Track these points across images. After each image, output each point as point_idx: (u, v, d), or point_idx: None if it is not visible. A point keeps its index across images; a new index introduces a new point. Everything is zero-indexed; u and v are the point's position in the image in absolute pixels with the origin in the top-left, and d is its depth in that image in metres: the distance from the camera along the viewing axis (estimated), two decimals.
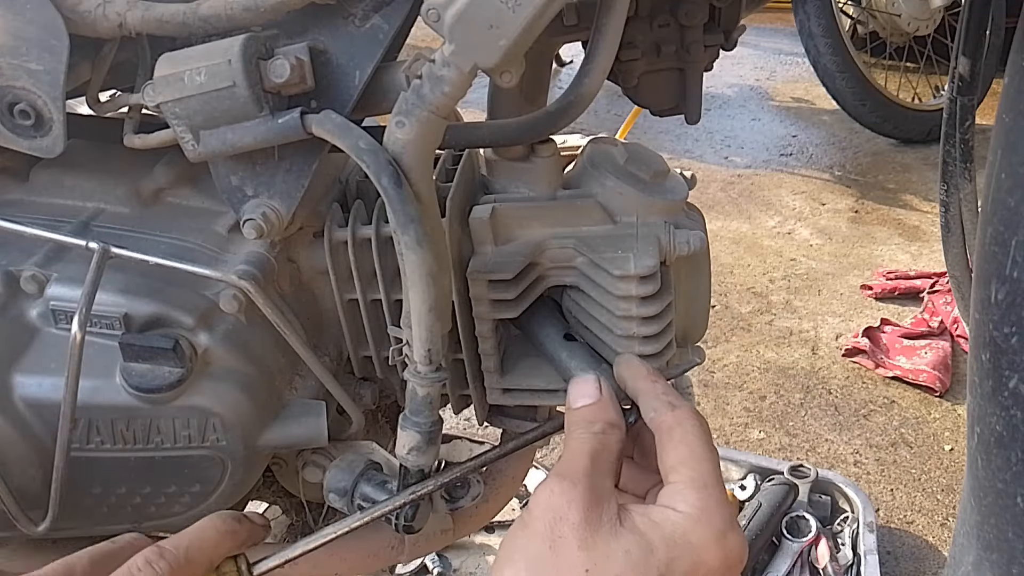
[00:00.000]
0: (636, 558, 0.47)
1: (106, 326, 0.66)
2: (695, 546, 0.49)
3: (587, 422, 0.56)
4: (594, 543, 0.48)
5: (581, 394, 0.58)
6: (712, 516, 0.50)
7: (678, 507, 0.50)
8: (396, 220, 0.57)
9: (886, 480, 1.81)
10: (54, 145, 0.66)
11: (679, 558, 0.48)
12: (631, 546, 0.48)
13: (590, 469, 0.52)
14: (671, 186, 0.73)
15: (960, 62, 1.10)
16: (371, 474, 0.72)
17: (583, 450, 0.53)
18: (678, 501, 0.51)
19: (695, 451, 0.53)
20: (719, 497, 0.51)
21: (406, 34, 0.70)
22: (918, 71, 3.44)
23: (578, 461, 0.53)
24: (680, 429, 0.54)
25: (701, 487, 0.51)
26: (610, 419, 0.56)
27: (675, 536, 0.49)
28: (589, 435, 0.55)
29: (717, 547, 0.49)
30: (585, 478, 0.51)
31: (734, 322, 2.34)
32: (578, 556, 0.47)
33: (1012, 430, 0.62)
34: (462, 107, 0.72)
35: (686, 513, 0.50)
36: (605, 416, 0.56)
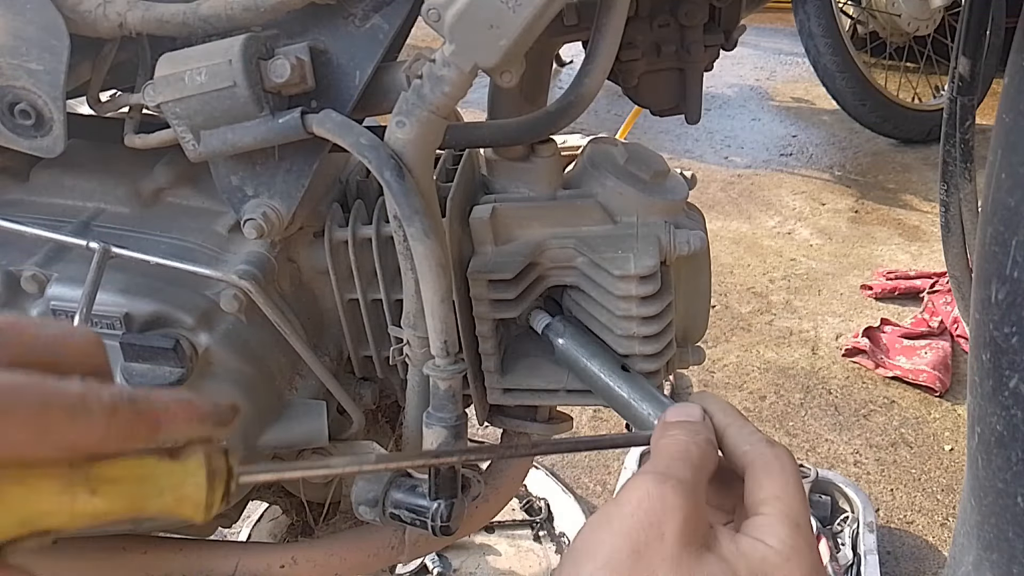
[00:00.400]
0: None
1: (107, 326, 0.66)
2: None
3: (691, 431, 0.53)
4: (681, 561, 0.45)
5: (682, 413, 0.55)
6: (802, 556, 0.48)
7: (768, 540, 0.48)
8: (401, 213, 0.57)
9: (886, 480, 1.81)
10: (54, 145, 0.66)
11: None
12: (716, 572, 0.46)
13: (692, 478, 0.49)
14: (671, 186, 0.73)
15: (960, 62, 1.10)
16: (400, 480, 0.71)
17: (687, 455, 0.50)
18: (768, 535, 0.48)
19: (790, 489, 0.50)
20: (810, 539, 0.49)
21: (406, 34, 0.70)
22: (918, 71, 3.44)
23: (681, 465, 0.49)
24: (778, 464, 0.51)
25: (794, 525, 0.49)
26: (711, 437, 0.53)
27: (762, 570, 0.47)
28: (692, 442, 0.52)
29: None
30: (688, 486, 0.48)
31: (734, 322, 2.34)
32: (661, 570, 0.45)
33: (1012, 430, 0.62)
34: (462, 107, 0.72)
35: (776, 549, 0.48)
36: (708, 433, 0.53)
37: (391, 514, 0.69)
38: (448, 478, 0.65)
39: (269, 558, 0.84)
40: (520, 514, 1.64)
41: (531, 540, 1.60)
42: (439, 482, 0.65)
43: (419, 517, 0.67)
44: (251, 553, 0.85)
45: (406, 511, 0.68)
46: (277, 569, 0.84)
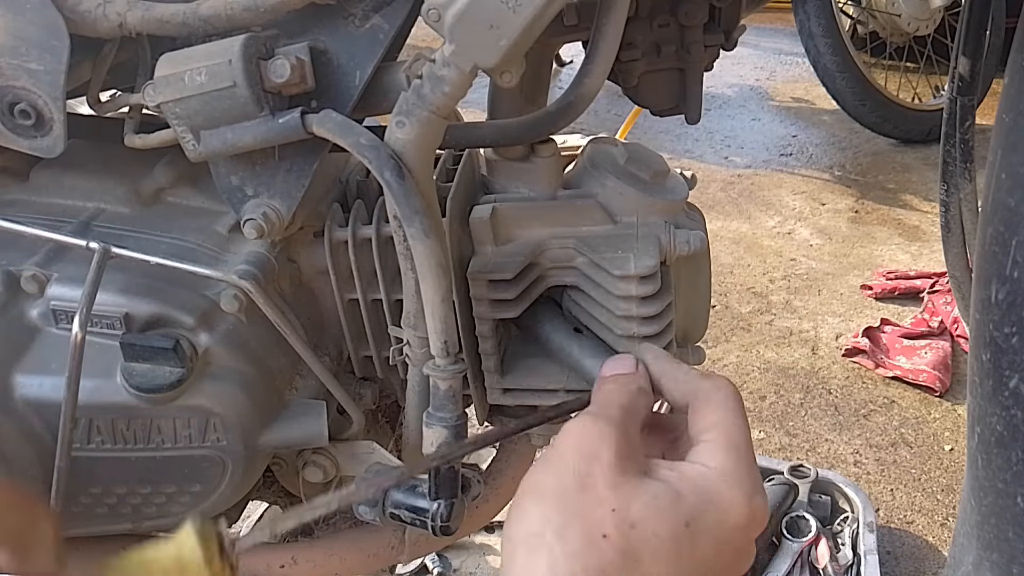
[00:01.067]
0: (663, 503, 0.47)
1: (107, 326, 0.66)
2: (724, 502, 0.49)
3: (620, 382, 0.56)
4: (622, 484, 0.48)
5: (616, 366, 0.58)
6: (743, 476, 0.50)
7: (708, 463, 0.50)
8: (401, 213, 0.57)
9: (886, 480, 1.81)
10: (54, 145, 0.66)
11: (707, 510, 0.48)
12: (659, 492, 0.48)
13: (621, 417, 0.52)
14: (671, 186, 0.73)
15: (960, 62, 1.10)
16: None
17: (616, 400, 0.53)
18: (708, 458, 0.51)
19: (730, 416, 0.53)
20: (750, 460, 0.51)
21: (406, 34, 0.70)
22: (918, 71, 3.44)
23: (611, 408, 0.52)
24: (718, 394, 0.54)
25: (734, 448, 0.51)
26: (643, 385, 0.56)
27: (705, 488, 0.49)
28: (622, 389, 0.55)
29: (745, 506, 0.49)
30: (618, 424, 0.51)
31: (734, 322, 2.34)
32: (606, 495, 0.47)
33: (1012, 430, 0.62)
34: (462, 107, 0.72)
35: (717, 469, 0.50)
36: (638, 381, 0.56)
37: (391, 514, 0.69)
38: (448, 478, 0.65)
39: (269, 558, 0.84)
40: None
41: None
42: (439, 482, 0.65)
43: (419, 517, 0.67)
44: (251, 553, 0.85)
45: (406, 511, 0.68)
46: (277, 569, 0.84)
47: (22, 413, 0.66)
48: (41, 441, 0.67)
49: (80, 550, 0.82)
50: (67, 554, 0.51)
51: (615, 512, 0.47)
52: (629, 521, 0.46)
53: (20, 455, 0.67)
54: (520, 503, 0.49)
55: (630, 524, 0.46)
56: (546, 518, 0.47)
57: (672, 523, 0.47)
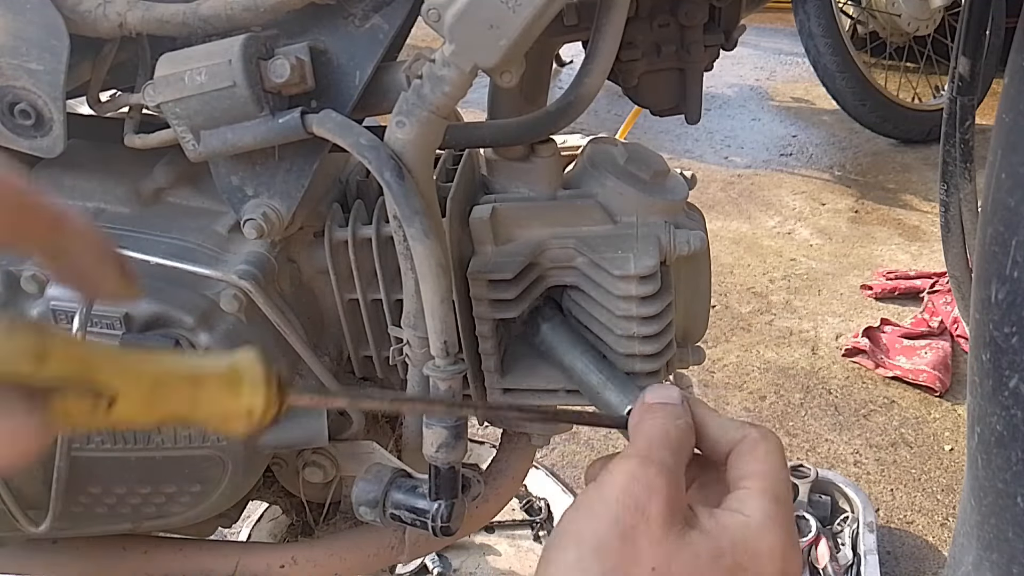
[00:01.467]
0: (703, 562, 0.46)
1: (107, 326, 0.66)
2: (760, 555, 0.47)
3: (672, 415, 0.53)
4: (666, 541, 0.46)
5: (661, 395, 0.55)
6: (780, 528, 0.48)
7: (746, 511, 0.49)
8: (401, 213, 0.57)
9: (886, 480, 1.81)
10: (54, 145, 0.66)
11: (744, 566, 0.47)
12: (700, 549, 0.46)
13: (673, 465, 0.49)
14: (671, 186, 0.73)
15: (960, 62, 1.10)
16: (400, 481, 0.71)
17: (667, 438, 0.51)
18: (747, 506, 0.49)
19: (773, 467, 0.51)
20: (788, 513, 0.50)
21: (406, 34, 0.70)
22: (918, 71, 3.44)
23: (663, 450, 0.50)
24: (764, 444, 0.52)
25: (773, 498, 0.49)
26: (690, 421, 0.54)
27: (743, 542, 0.47)
28: (673, 426, 0.52)
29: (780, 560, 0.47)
30: (671, 473, 0.48)
31: (734, 322, 2.34)
32: (648, 552, 0.46)
33: (1012, 430, 0.62)
34: (462, 107, 0.72)
35: (755, 519, 0.48)
36: (687, 417, 0.54)
37: (391, 515, 0.69)
38: (448, 478, 0.65)
39: (269, 558, 0.84)
40: (520, 514, 1.63)
41: (531, 540, 1.60)
42: (439, 483, 0.65)
43: (419, 518, 0.67)
44: (251, 553, 0.85)
45: (406, 512, 0.68)
46: (277, 569, 0.84)
47: None
48: None
49: (80, 550, 0.82)
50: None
51: (654, 571, 0.45)
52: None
53: None
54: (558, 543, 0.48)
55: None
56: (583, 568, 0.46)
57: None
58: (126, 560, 0.83)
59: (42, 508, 0.68)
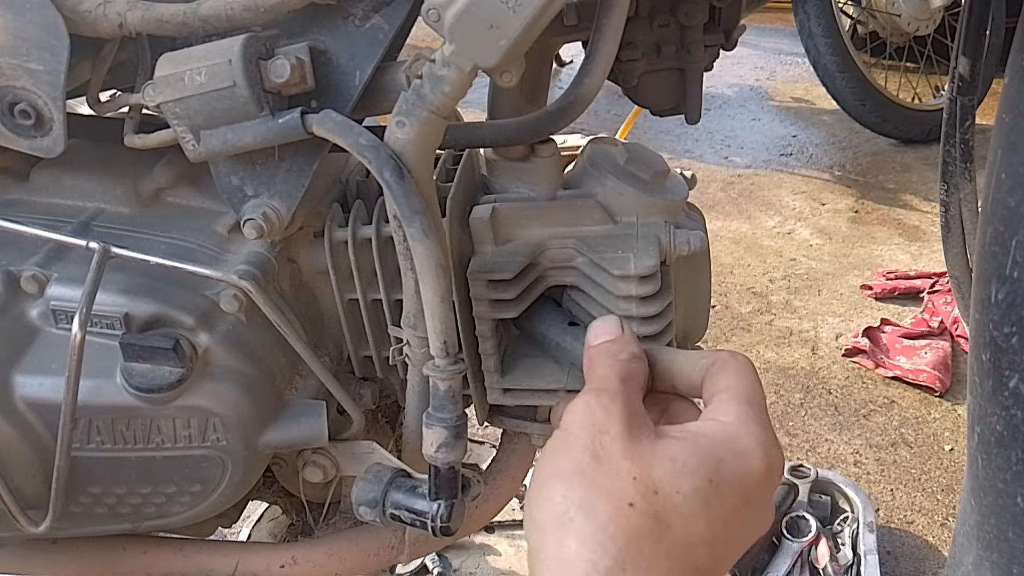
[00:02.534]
0: (684, 463, 0.47)
1: (106, 326, 0.66)
2: (741, 451, 0.48)
3: (611, 352, 0.55)
4: (638, 452, 0.47)
5: (602, 332, 0.57)
6: (756, 426, 0.50)
7: (721, 417, 0.50)
8: (401, 213, 0.57)
9: (886, 480, 1.81)
10: (54, 145, 0.66)
11: (728, 462, 0.48)
12: (677, 452, 0.48)
13: (622, 388, 0.51)
14: (671, 186, 0.73)
15: (960, 62, 1.10)
16: (400, 481, 0.71)
17: (613, 373, 0.53)
18: (721, 413, 0.50)
19: (744, 378, 0.53)
20: (764, 415, 0.51)
21: (406, 34, 0.70)
22: (918, 71, 3.44)
23: (610, 381, 0.52)
24: (735, 362, 0.54)
25: (747, 403, 0.51)
26: (634, 351, 0.56)
27: (724, 440, 0.49)
28: (616, 361, 0.54)
29: (763, 454, 0.49)
30: (620, 395, 0.50)
31: (734, 322, 2.34)
32: (624, 464, 0.47)
33: (1012, 430, 0.62)
34: (462, 107, 0.72)
35: (729, 422, 0.50)
36: (629, 348, 0.56)
37: (391, 515, 0.69)
38: (448, 478, 0.65)
39: (269, 558, 0.84)
40: (520, 514, 1.63)
41: None
42: (439, 483, 0.65)
43: (419, 518, 0.67)
44: (251, 553, 0.85)
45: (406, 512, 0.68)
46: (277, 569, 0.84)
47: (22, 413, 0.66)
48: (41, 441, 0.67)
49: (80, 550, 0.82)
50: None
51: (636, 480, 0.46)
52: (652, 487, 0.46)
53: (20, 455, 0.67)
54: (538, 489, 0.49)
55: (654, 489, 0.46)
56: (568, 498, 0.47)
57: (696, 480, 0.47)
58: (126, 560, 0.83)
59: (42, 508, 0.68)
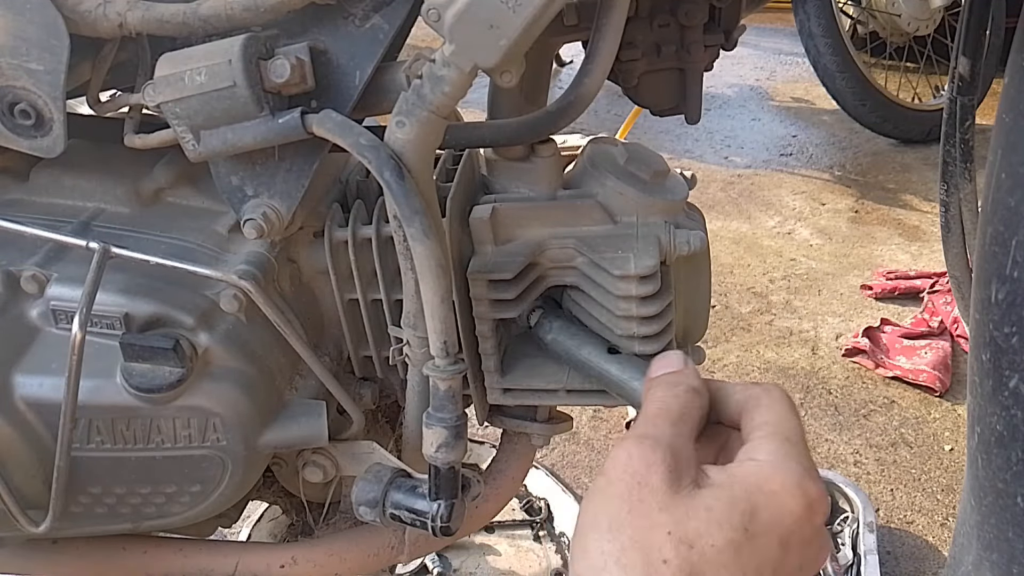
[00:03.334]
0: (719, 513, 0.47)
1: (106, 326, 0.66)
2: (776, 493, 0.48)
3: (670, 384, 0.55)
4: (675, 504, 0.47)
5: (664, 365, 0.58)
6: (792, 463, 0.49)
7: (757, 457, 0.50)
8: (401, 213, 0.57)
9: (886, 480, 1.81)
10: (54, 145, 0.66)
11: (762, 507, 0.47)
12: (712, 502, 0.47)
13: (671, 431, 0.51)
14: (671, 186, 0.73)
15: (960, 62, 1.10)
16: (400, 481, 0.71)
17: (665, 411, 0.53)
18: (757, 452, 0.50)
19: (782, 413, 0.53)
20: (801, 449, 0.51)
21: (406, 34, 0.70)
22: (918, 71, 3.44)
23: (659, 423, 0.52)
24: (769, 397, 0.54)
25: (782, 439, 0.50)
26: (693, 384, 0.55)
27: (757, 485, 0.48)
28: (671, 396, 0.54)
29: (799, 492, 0.48)
30: (665, 441, 0.50)
31: (734, 322, 2.34)
32: (660, 519, 0.47)
33: (1012, 430, 0.62)
34: (462, 107, 0.72)
35: (765, 461, 0.49)
36: (688, 380, 0.56)
37: (391, 515, 0.69)
38: (448, 479, 0.65)
39: (269, 558, 0.84)
40: (520, 514, 1.63)
41: (531, 540, 1.60)
42: (439, 483, 0.65)
43: (419, 518, 0.67)
44: (251, 553, 0.85)
45: (406, 512, 0.68)
46: (277, 569, 0.84)
47: (22, 413, 0.66)
48: (41, 441, 0.67)
49: (80, 550, 0.82)
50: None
51: (671, 535, 0.46)
52: (687, 541, 0.46)
53: (20, 455, 0.67)
54: (578, 539, 0.49)
55: (688, 544, 0.46)
56: (605, 552, 0.47)
57: (729, 531, 0.46)
58: (126, 560, 0.83)
59: (42, 508, 0.68)
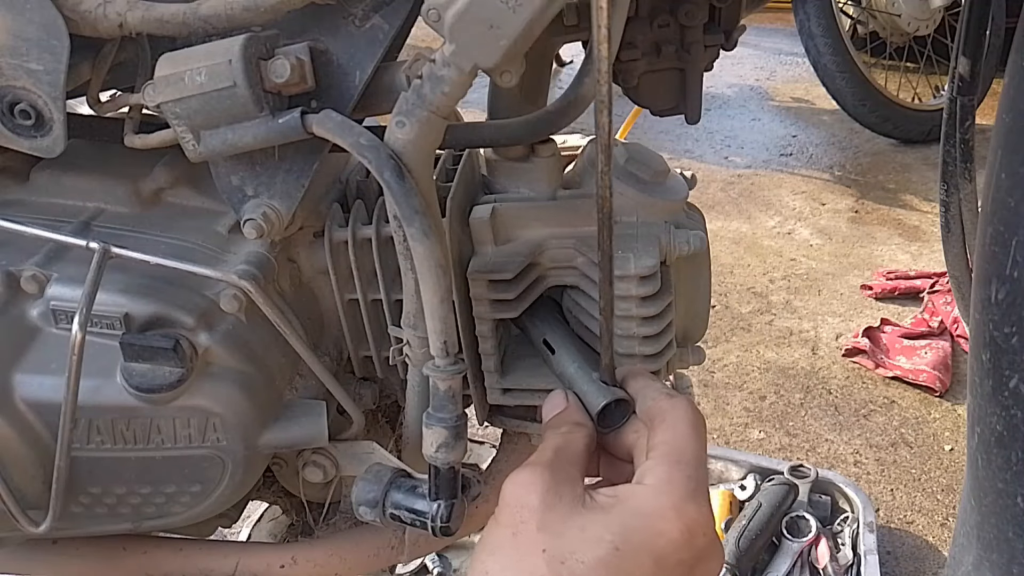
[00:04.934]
0: (591, 533, 0.48)
1: (106, 326, 0.66)
2: (651, 516, 0.49)
3: (553, 427, 0.58)
4: (551, 523, 0.49)
5: (551, 407, 0.60)
6: (674, 487, 0.50)
7: (644, 480, 0.51)
8: (401, 213, 0.57)
9: (886, 480, 1.81)
10: (54, 145, 0.66)
11: (635, 530, 0.48)
12: (587, 522, 0.49)
13: (552, 459, 0.53)
14: (671, 186, 0.73)
15: (960, 62, 1.10)
16: (400, 481, 0.71)
17: (548, 446, 0.56)
18: (646, 475, 0.51)
19: (680, 433, 0.53)
20: (691, 473, 0.51)
21: (406, 34, 0.70)
22: (918, 71, 3.44)
23: (542, 454, 0.55)
24: (672, 414, 0.54)
25: (674, 462, 0.51)
26: (575, 420, 0.58)
27: (635, 508, 0.49)
28: (555, 434, 0.57)
29: (675, 516, 0.49)
30: (546, 466, 0.52)
31: (734, 322, 2.34)
32: (536, 537, 0.48)
33: (1012, 430, 0.62)
34: (462, 107, 0.72)
35: (650, 485, 0.50)
36: (570, 418, 0.58)
37: (391, 515, 0.69)
38: (448, 479, 0.65)
39: (269, 558, 0.84)
40: None
41: None
42: (439, 483, 0.65)
43: (419, 518, 0.67)
44: (251, 553, 0.85)
45: (406, 512, 0.68)
46: (277, 569, 0.84)
47: (22, 413, 0.66)
48: (41, 441, 0.67)
49: (80, 550, 0.82)
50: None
51: (546, 552, 0.48)
52: (559, 558, 0.47)
53: (20, 456, 0.67)
54: (473, 563, 0.51)
55: (560, 561, 0.47)
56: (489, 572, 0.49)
57: (599, 549, 0.47)
58: (126, 560, 0.83)
59: (42, 508, 0.68)
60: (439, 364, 0.61)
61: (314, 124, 0.60)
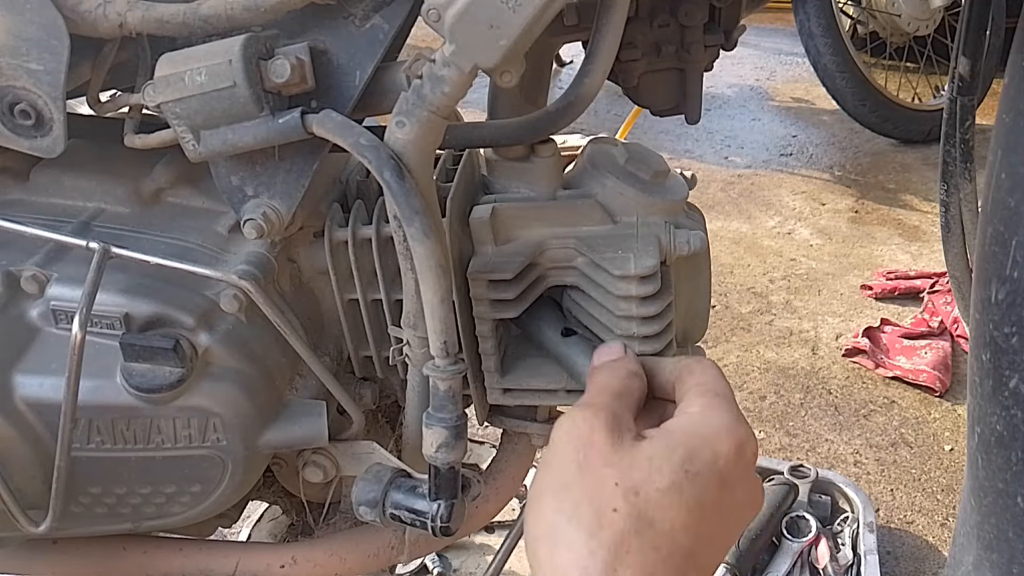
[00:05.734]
0: (659, 460, 0.50)
1: (106, 326, 0.66)
2: (709, 437, 0.52)
3: (611, 368, 0.59)
4: (619, 458, 0.51)
5: (606, 353, 0.62)
6: (720, 410, 0.53)
7: (689, 410, 0.54)
8: (401, 213, 0.57)
9: (886, 480, 1.81)
10: (54, 145, 0.66)
11: (698, 449, 0.51)
12: (652, 452, 0.51)
13: (610, 400, 0.55)
14: (671, 186, 0.73)
15: (960, 62, 1.10)
16: (400, 481, 0.71)
17: (605, 387, 0.57)
18: (690, 406, 0.54)
19: (707, 375, 0.57)
20: (730, 402, 0.55)
21: (406, 34, 0.70)
22: (918, 71, 3.44)
23: (600, 395, 0.56)
24: (700, 364, 0.58)
25: (713, 395, 0.55)
26: (632, 368, 0.59)
27: (691, 432, 0.52)
28: (612, 377, 0.58)
29: (728, 435, 0.52)
30: (606, 408, 0.54)
31: (734, 322, 2.35)
32: (606, 472, 0.50)
33: (1012, 430, 0.62)
34: (462, 107, 0.72)
35: (696, 412, 0.54)
36: (628, 365, 0.60)
37: (391, 515, 0.69)
38: (448, 479, 0.65)
39: (269, 558, 0.84)
40: (520, 514, 1.63)
41: None
42: (439, 483, 0.65)
43: (419, 518, 0.67)
44: (251, 553, 0.85)
45: (406, 512, 0.68)
46: (277, 569, 0.84)
47: (22, 413, 0.66)
48: (41, 441, 0.67)
49: (80, 550, 0.82)
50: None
51: (618, 485, 0.49)
52: (633, 489, 0.49)
53: (20, 455, 0.67)
54: (532, 505, 0.52)
55: (634, 491, 0.49)
56: (558, 510, 0.50)
57: (670, 474, 0.50)
58: (126, 560, 0.83)
59: (42, 508, 0.68)
60: (439, 364, 0.61)
61: (314, 124, 0.60)
